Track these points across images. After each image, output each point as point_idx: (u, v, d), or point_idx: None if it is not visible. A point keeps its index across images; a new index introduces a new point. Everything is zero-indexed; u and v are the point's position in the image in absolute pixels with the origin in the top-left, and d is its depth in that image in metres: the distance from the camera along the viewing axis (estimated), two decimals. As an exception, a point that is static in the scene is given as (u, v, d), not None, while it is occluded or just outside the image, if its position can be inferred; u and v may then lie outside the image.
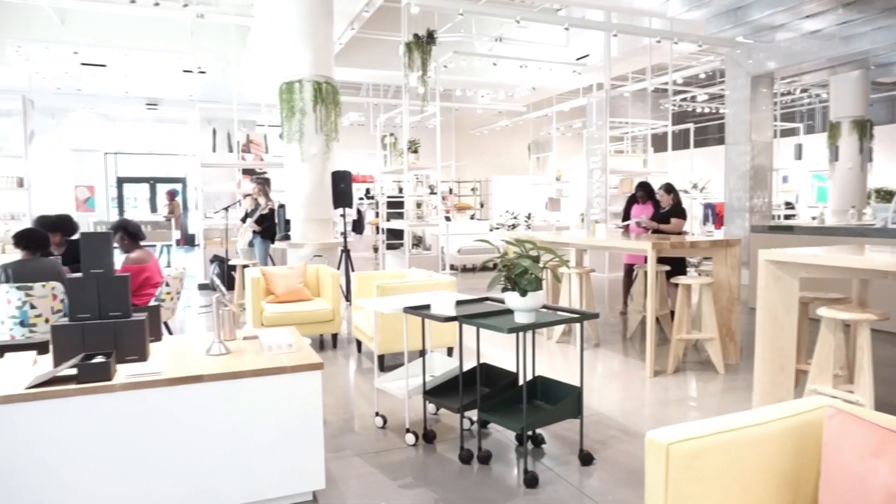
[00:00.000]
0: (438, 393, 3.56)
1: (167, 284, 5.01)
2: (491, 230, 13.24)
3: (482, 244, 10.63)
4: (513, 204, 16.68)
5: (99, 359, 2.59)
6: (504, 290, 3.05)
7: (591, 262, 9.97)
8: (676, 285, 5.13)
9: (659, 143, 13.70)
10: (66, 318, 2.79)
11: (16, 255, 4.70)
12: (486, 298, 3.59)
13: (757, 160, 9.58)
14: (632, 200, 7.47)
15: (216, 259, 9.37)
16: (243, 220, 8.63)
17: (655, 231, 6.56)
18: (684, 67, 12.59)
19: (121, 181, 17.71)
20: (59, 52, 10.66)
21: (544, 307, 3.20)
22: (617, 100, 14.59)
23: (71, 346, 2.67)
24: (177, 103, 15.00)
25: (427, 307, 3.36)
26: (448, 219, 11.61)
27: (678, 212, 6.65)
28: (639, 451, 3.45)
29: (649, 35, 9.51)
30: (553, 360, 5.50)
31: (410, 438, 3.56)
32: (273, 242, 8.26)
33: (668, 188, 6.76)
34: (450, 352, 5.19)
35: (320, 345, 5.93)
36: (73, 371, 2.50)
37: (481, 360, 3.56)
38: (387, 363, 4.99)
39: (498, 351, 5.48)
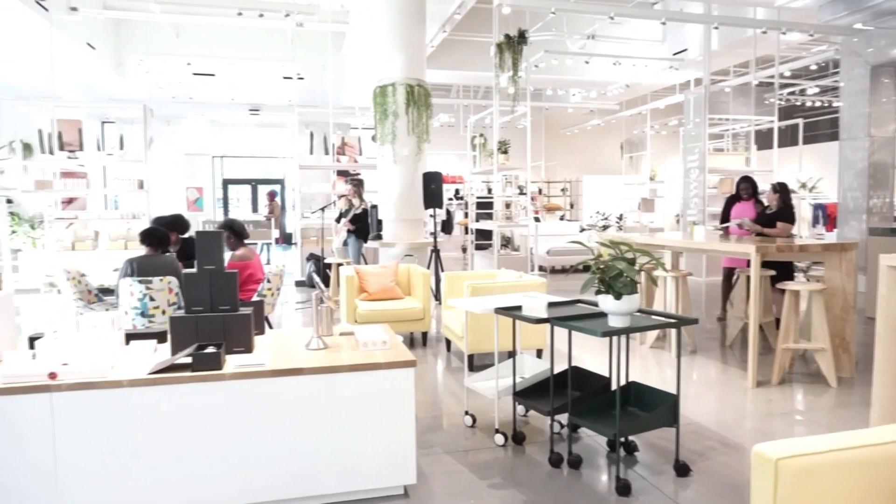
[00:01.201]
0: (528, 395, 3.55)
1: (268, 281, 5.28)
2: (581, 231, 12.99)
3: (572, 245, 10.45)
4: (604, 204, 16.28)
5: (210, 349, 2.78)
6: (598, 292, 2.99)
7: (688, 265, 9.57)
8: (783, 291, 4.83)
9: (763, 140, 12.92)
10: (181, 310, 3.01)
11: (138, 250, 5.12)
12: (578, 301, 3.54)
13: (876, 157, 8.83)
14: (731, 200, 7.08)
15: (312, 257, 9.78)
16: (338, 220, 8.94)
17: (759, 234, 6.20)
18: (793, 59, 11.81)
19: (226, 183, 18.85)
20: (174, 64, 11.50)
21: (639, 311, 3.11)
22: (717, 95, 13.91)
23: (186, 336, 2.88)
24: (276, 108, 15.78)
25: (518, 308, 3.35)
26: (537, 219, 11.50)
27: (786, 215, 6.22)
28: (740, 465, 3.28)
29: (754, 26, 9.00)
30: (646, 365, 5.32)
31: (500, 439, 3.56)
32: (366, 241, 8.52)
33: (778, 187, 6.35)
34: (539, 353, 5.15)
35: (410, 343, 6.05)
36: (188, 360, 2.70)
37: (572, 364, 3.51)
38: (475, 363, 5.02)
39: (587, 355, 5.37)
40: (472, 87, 15.20)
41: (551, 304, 3.35)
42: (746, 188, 6.86)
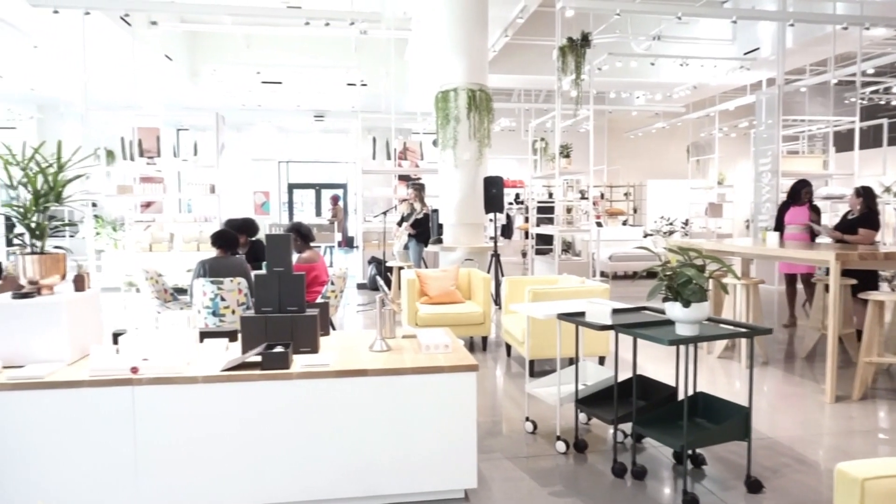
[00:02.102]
0: (591, 402, 3.48)
1: (332, 283, 5.40)
2: (645, 236, 12.68)
3: (635, 251, 10.22)
4: (668, 209, 15.83)
5: (279, 349, 2.86)
6: (665, 299, 2.92)
7: (758, 272, 9.17)
8: (865, 301, 4.56)
9: (843, 142, 12.26)
10: (249, 310, 3.11)
11: (209, 252, 5.33)
12: (643, 308, 3.45)
13: (970, 159, 8.23)
14: (785, 206, 6.78)
15: (374, 260, 9.94)
16: (399, 224, 9.06)
17: (839, 241, 5.89)
18: (877, 55, 11.16)
19: (291, 187, 19.40)
20: (245, 73, 11.95)
21: (708, 319, 3.01)
22: (791, 95, 13.30)
23: (256, 335, 2.98)
24: (340, 114, 16.15)
25: (582, 314, 3.30)
26: (599, 224, 11.29)
27: (869, 220, 5.89)
28: (817, 484, 3.12)
29: (834, 22, 8.57)
30: (714, 376, 5.14)
31: (561, 446, 3.51)
32: (427, 245, 8.59)
33: (861, 191, 6.02)
34: (601, 361, 5.05)
35: (470, 347, 6.05)
36: (258, 358, 2.79)
37: (636, 372, 3.43)
38: (536, 368, 4.97)
39: (652, 364, 5.23)
40: (534, 91, 15.11)
41: (616, 311, 3.28)
42: (809, 192, 6.58)
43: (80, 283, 3.13)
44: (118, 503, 2.68)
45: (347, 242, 18.19)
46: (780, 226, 6.74)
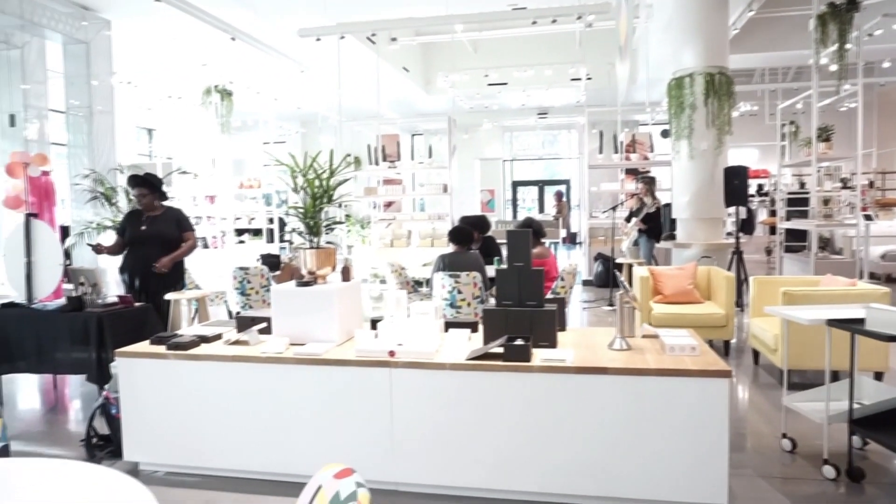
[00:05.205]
0: (870, 424, 2.99)
1: (562, 279, 5.40)
2: (930, 232, 10.53)
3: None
4: (965, 198, 12.96)
5: (519, 341, 2.94)
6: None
7: None
8: None
9: None
10: (482, 303, 3.24)
11: (443, 248, 5.69)
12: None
13: None
14: None
15: (600, 257, 9.73)
16: (627, 220, 8.74)
17: None
18: None
19: (515, 185, 19.87)
20: (473, 77, 12.53)
21: None
22: None
23: (497, 327, 3.09)
24: (564, 110, 16.08)
25: (860, 322, 2.85)
26: (868, 217, 9.65)
27: None
28: None
29: None
30: None
31: (829, 471, 3.08)
32: (658, 242, 8.16)
33: None
34: (877, 376, 4.32)
35: (709, 351, 5.61)
36: (500, 350, 2.90)
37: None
38: (792, 379, 4.43)
39: (950, 384, 4.33)
40: (780, 69, 13.46)
41: (907, 319, 2.77)
42: None
43: (346, 274, 3.56)
44: (377, 466, 2.98)
45: (570, 239, 18.08)
46: None
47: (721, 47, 7.48)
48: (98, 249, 4.81)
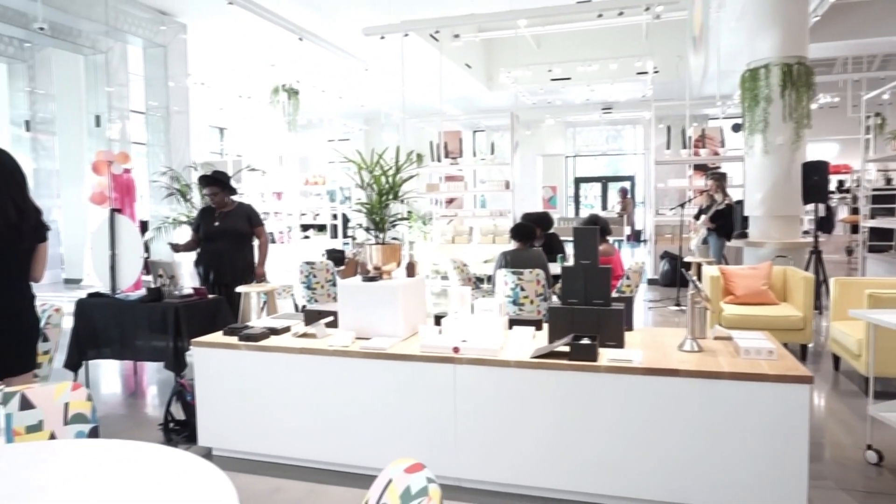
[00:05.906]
0: (968, 438, 2.78)
1: (627, 277, 5.28)
2: None
3: None
4: None
5: (585, 340, 2.89)
6: None
7: None
8: None
9: None
10: (545, 301, 3.19)
11: (504, 245, 5.66)
12: None
13: None
14: None
15: (667, 255, 9.46)
16: (696, 217, 8.45)
17: None
18: None
19: (577, 181, 19.56)
20: (536, 73, 12.41)
21: None
22: None
23: (562, 326, 3.05)
24: (629, 105, 15.70)
25: (958, 327, 2.65)
26: (963, 216, 8.99)
27: None
28: None
29: None
30: None
31: (920, 487, 2.88)
32: (728, 240, 7.86)
33: None
34: (975, 388, 4.02)
35: (784, 355, 5.35)
36: (567, 349, 2.85)
37: None
38: (878, 387, 4.17)
39: None
40: (865, 58, 12.68)
41: None
42: None
43: (411, 270, 3.59)
44: (440, 461, 2.99)
45: (635, 236, 17.66)
46: None
47: (800, 36, 7.10)
48: (176, 248, 5.06)
